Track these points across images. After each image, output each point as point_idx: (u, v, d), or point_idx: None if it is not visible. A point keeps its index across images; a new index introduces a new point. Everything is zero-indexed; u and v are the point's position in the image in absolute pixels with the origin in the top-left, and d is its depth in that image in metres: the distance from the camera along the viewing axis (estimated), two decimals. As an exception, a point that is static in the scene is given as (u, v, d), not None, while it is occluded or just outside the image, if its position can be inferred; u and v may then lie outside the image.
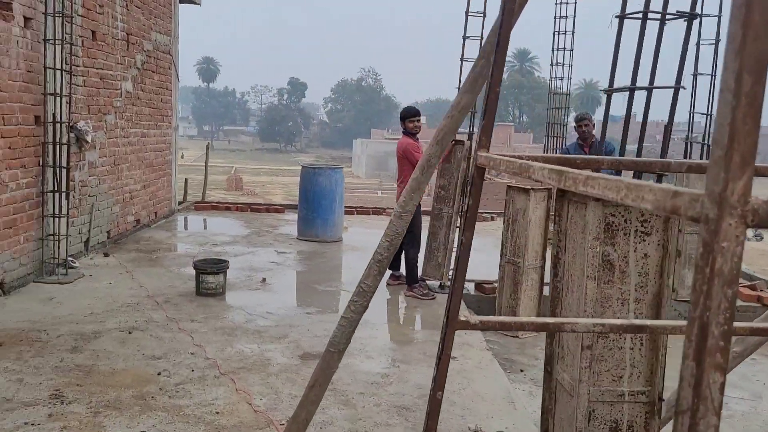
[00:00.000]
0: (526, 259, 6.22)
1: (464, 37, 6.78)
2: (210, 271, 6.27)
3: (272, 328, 5.43)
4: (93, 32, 7.54)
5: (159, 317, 5.57)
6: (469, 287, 7.01)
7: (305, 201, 9.28)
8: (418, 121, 6.64)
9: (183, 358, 4.68)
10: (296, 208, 12.31)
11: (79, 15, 7.08)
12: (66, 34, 6.67)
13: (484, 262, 7.22)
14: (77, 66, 7.09)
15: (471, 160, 6.69)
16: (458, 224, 6.79)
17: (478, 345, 5.33)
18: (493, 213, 12.66)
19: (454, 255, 6.75)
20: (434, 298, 6.55)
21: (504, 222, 6.43)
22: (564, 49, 11.28)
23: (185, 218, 10.99)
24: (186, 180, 12.26)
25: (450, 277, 6.77)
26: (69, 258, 6.87)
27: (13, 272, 6.11)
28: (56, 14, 6.47)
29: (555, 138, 11.62)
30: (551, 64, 11.45)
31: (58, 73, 6.60)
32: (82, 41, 7.14)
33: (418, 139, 6.69)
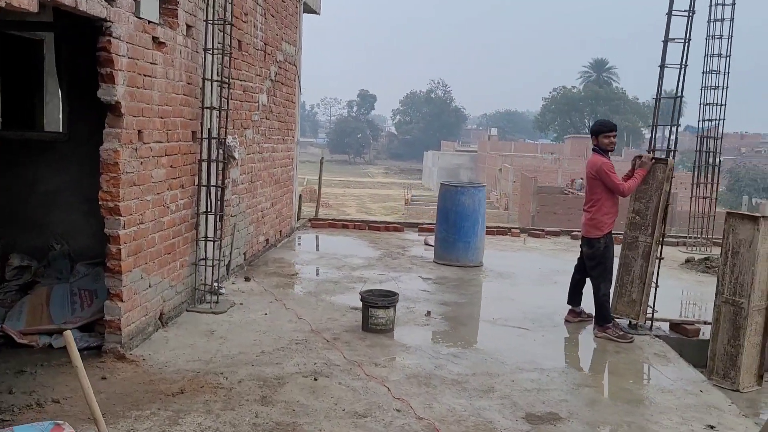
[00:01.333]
0: (752, 299, 5.29)
1: (665, 41, 5.94)
2: (381, 305, 5.61)
3: (471, 378, 4.69)
4: (239, 42, 7.06)
5: (337, 359, 4.93)
6: (663, 326, 6.12)
7: (445, 222, 8.57)
8: (614, 136, 5.82)
9: (391, 417, 3.99)
10: (415, 227, 11.72)
11: (230, 24, 6.61)
12: (219, 43, 6.19)
13: (663, 294, 6.34)
14: (226, 78, 6.62)
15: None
16: (658, 254, 5.93)
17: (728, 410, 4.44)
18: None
19: (652, 290, 5.90)
20: (632, 341, 5.68)
21: (722, 255, 5.51)
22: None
23: (309, 237, 10.46)
24: (300, 196, 11.77)
25: (648, 316, 5.91)
26: (215, 283, 6.36)
27: (170, 301, 5.61)
28: (216, 22, 5.99)
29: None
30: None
31: (215, 85, 6.11)
32: (231, 51, 6.67)
33: (609, 158, 5.88)
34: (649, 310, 5.95)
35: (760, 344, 5.44)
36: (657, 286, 5.95)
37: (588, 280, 6.10)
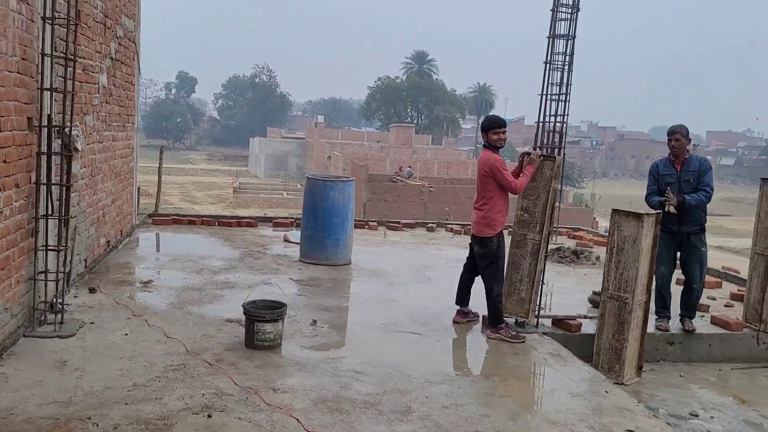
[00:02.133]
0: (636, 294, 5.45)
1: (550, 37, 5.92)
2: (269, 319, 4.99)
3: (383, 397, 4.28)
4: (78, 12, 5.94)
5: (228, 387, 4.26)
6: (545, 322, 6.15)
7: (314, 219, 8.05)
8: (504, 132, 5.69)
9: (313, 456, 3.46)
10: (269, 222, 11.05)
11: (68, -12, 5.51)
12: (57, 12, 5.12)
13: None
14: (63, 53, 5.52)
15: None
16: (546, 252, 5.92)
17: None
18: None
19: (542, 288, 5.89)
20: (524, 340, 5.62)
21: (607, 251, 5.62)
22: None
23: (153, 236, 9.36)
24: (138, 189, 10.54)
25: (537, 314, 5.90)
26: (58, 300, 5.31)
27: (4, 328, 4.54)
28: (54, -16, 4.93)
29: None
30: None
31: (55, 62, 5.05)
32: (76, 22, 5.57)
33: (500, 154, 5.75)
34: (536, 309, 5.94)
35: (640, 337, 5.64)
36: (544, 284, 5.96)
37: (477, 279, 5.95)
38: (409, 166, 44.86)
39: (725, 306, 7.31)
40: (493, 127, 5.67)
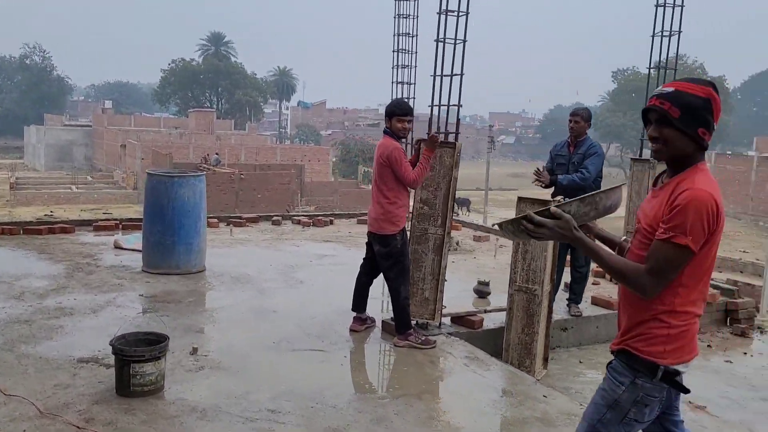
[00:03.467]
0: (544, 285, 5.23)
1: (440, 12, 5.43)
2: (149, 357, 3.95)
3: (318, 441, 3.53)
4: None
5: (115, 458, 3.23)
6: (445, 321, 5.75)
7: (160, 221, 6.85)
8: (409, 122, 5.10)
9: None
10: (88, 225, 9.47)
11: None
12: None
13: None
14: None
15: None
16: (452, 247, 5.48)
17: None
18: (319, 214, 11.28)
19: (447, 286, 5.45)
20: (435, 345, 5.15)
21: (513, 242, 5.32)
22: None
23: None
24: None
25: (443, 314, 5.47)
26: None
27: None
28: None
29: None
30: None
31: None
32: None
33: (402, 143, 5.16)
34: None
35: (545, 328, 5.45)
36: (445, 280, 5.54)
37: (372, 281, 5.36)
38: (217, 153, 42.73)
39: (592, 284, 7.50)
40: (397, 113, 5.05)
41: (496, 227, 2.28)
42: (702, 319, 6.62)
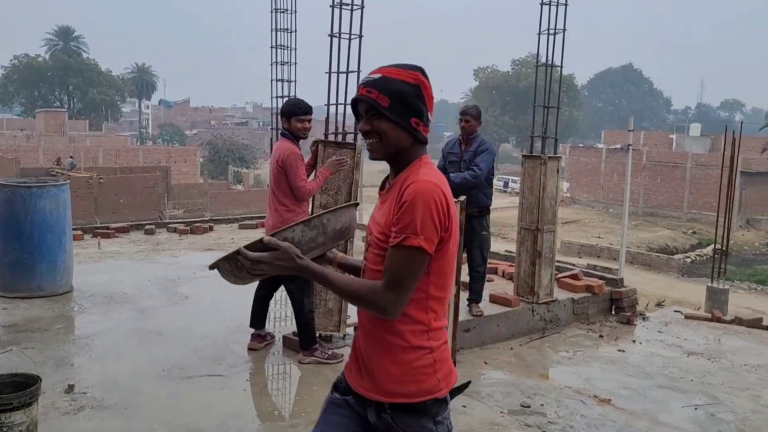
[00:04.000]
0: (451, 288, 5.07)
1: (333, 6, 5.10)
2: (18, 404, 3.33)
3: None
4: None
5: None
6: (349, 331, 5.46)
7: (16, 238, 6.00)
8: (309, 121, 4.73)
9: None
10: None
11: None
12: None
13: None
14: None
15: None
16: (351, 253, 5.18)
17: None
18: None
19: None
20: (342, 359, 4.85)
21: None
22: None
23: None
24: None
25: (347, 324, 5.19)
26: None
27: None
28: None
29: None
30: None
31: None
32: None
33: (299, 146, 4.79)
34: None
35: (453, 332, 5.30)
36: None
37: (272, 295, 4.96)
38: (71, 156, 39.59)
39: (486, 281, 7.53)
40: (297, 113, 4.68)
41: (216, 270, 1.87)
42: (590, 309, 6.79)
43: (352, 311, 5.53)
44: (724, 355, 6.10)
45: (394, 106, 1.89)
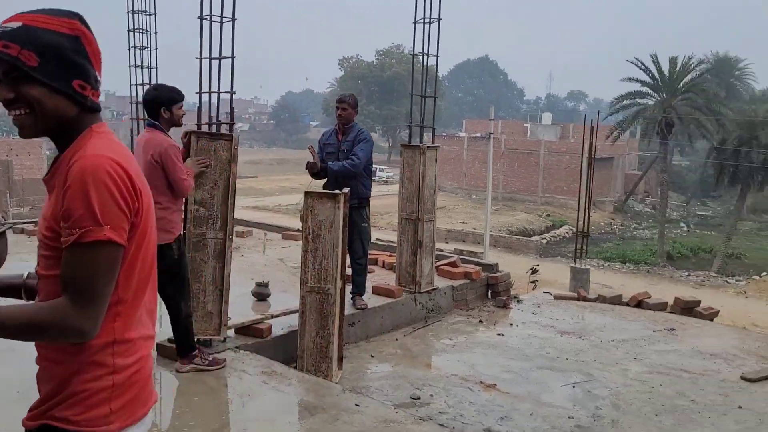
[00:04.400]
0: (337, 283, 4.93)
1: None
2: None
3: None
4: None
5: None
6: (229, 333, 5.15)
7: None
8: (181, 108, 4.34)
9: None
10: None
11: None
12: None
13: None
14: None
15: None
16: (236, 251, 4.88)
17: None
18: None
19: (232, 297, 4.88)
20: (225, 364, 4.55)
21: (303, 240, 4.91)
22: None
23: None
24: None
25: (230, 326, 4.90)
26: None
27: None
28: None
29: None
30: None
31: None
32: None
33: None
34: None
35: (339, 327, 5.17)
36: (228, 289, 4.93)
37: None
38: None
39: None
40: (178, 99, 4.28)
41: None
42: (469, 296, 6.92)
43: (233, 312, 5.23)
44: (593, 333, 6.45)
45: (45, 64, 1.42)
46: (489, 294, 7.48)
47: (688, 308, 7.22)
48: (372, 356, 5.67)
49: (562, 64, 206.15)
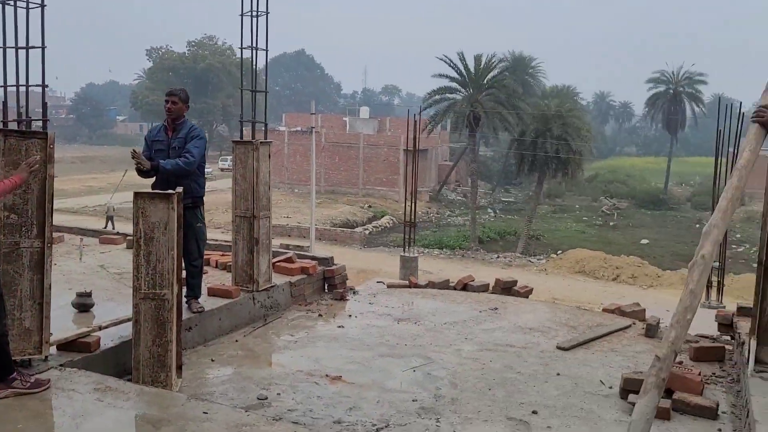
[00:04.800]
0: (174, 287, 4.69)
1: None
2: None
3: None
4: None
5: None
6: (51, 351, 4.68)
7: None
8: None
9: None
10: None
11: None
12: None
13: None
14: None
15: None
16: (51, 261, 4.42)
17: None
18: None
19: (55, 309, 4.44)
20: (49, 385, 4.13)
21: (134, 244, 4.59)
22: None
23: None
24: None
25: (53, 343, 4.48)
26: None
27: None
28: None
29: None
30: None
31: None
32: None
33: None
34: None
35: (177, 334, 4.92)
36: (48, 303, 4.47)
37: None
38: None
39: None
40: None
41: None
42: (306, 290, 6.95)
43: (53, 327, 4.75)
44: (426, 318, 6.78)
45: None
46: (326, 287, 7.55)
47: (507, 288, 7.84)
48: (212, 360, 5.47)
49: (376, 60, 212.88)
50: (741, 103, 10.78)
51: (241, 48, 6.41)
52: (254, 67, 6.41)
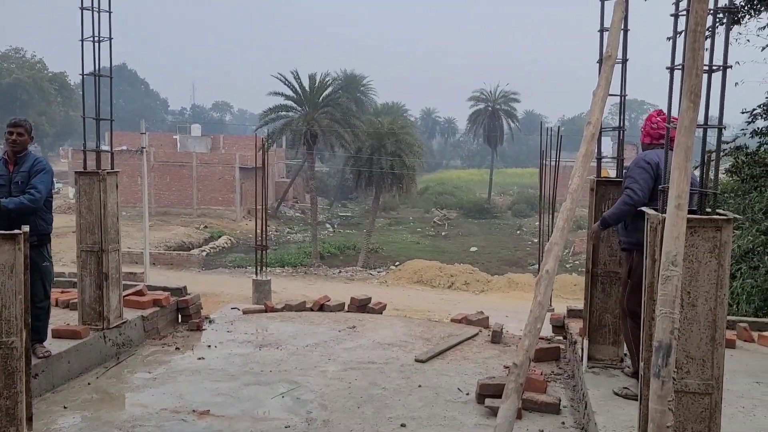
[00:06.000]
0: (23, 334, 4.35)
1: None
2: None
3: None
4: None
5: None
6: None
7: None
8: None
9: None
10: None
11: None
12: None
13: None
14: None
15: None
16: None
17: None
18: None
19: None
20: None
21: (-25, 291, 4.19)
22: None
23: None
24: None
25: None
26: None
27: None
28: None
29: None
30: None
31: None
32: None
33: None
34: None
35: (27, 383, 4.55)
36: None
37: None
38: None
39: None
40: None
41: None
42: (160, 323, 6.75)
43: None
44: (288, 341, 6.83)
45: None
46: (179, 318, 7.33)
47: (362, 305, 8.11)
48: (65, 407, 5.11)
49: (204, 76, 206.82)
50: (549, 120, 12.01)
51: (83, 75, 6.09)
52: (98, 94, 6.10)
